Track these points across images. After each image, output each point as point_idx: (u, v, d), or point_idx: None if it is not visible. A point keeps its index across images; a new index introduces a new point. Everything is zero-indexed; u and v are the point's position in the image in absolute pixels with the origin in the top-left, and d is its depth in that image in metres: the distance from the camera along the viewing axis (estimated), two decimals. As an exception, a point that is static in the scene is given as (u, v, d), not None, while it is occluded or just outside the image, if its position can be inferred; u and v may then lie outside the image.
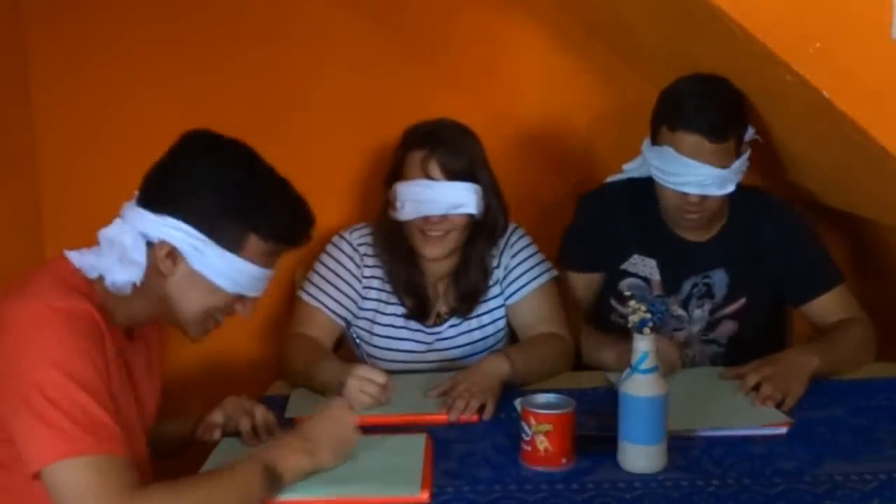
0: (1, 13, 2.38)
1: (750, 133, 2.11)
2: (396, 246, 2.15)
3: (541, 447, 1.64)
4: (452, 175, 2.06)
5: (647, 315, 1.64)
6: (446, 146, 2.07)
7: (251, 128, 1.61)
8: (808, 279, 2.19)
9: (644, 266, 2.24)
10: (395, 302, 2.20)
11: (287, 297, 2.58)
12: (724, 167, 2.03)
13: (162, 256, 1.53)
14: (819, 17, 1.70)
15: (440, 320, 2.22)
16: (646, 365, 1.61)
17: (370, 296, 2.20)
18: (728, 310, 2.25)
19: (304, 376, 2.00)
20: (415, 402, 1.94)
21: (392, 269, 2.18)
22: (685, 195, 2.06)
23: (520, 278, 2.20)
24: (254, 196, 1.56)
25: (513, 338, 2.26)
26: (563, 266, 2.29)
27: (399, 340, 2.20)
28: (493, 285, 2.22)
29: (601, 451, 1.67)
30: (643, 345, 1.61)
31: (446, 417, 1.86)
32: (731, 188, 2.06)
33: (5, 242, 2.37)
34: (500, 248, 2.21)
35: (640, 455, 1.62)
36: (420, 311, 2.20)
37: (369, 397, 1.88)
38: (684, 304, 2.25)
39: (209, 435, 1.78)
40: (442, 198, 2.06)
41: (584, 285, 2.30)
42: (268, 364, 2.57)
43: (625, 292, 2.18)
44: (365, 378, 1.88)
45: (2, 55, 2.41)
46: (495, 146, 2.18)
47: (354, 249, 2.20)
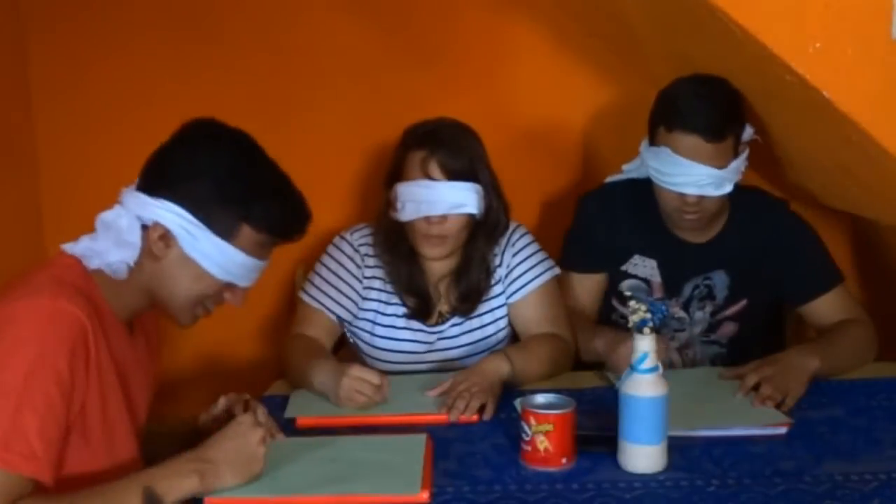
0: (1, 13, 2.39)
1: (748, 133, 2.11)
2: (397, 246, 2.15)
3: (541, 447, 1.64)
4: (453, 175, 2.06)
5: (648, 315, 1.64)
6: (447, 146, 2.07)
7: (251, 128, 1.61)
8: (808, 279, 2.19)
9: (645, 267, 2.24)
10: (397, 302, 2.20)
11: (287, 297, 2.58)
12: (722, 167, 2.03)
13: (155, 238, 1.53)
14: (819, 17, 1.70)
15: (442, 320, 2.22)
16: (646, 365, 1.61)
17: (371, 296, 2.20)
18: (729, 311, 2.25)
19: (301, 376, 2.00)
20: (415, 402, 1.94)
21: (393, 269, 2.17)
22: (683, 196, 2.06)
23: (521, 276, 2.20)
24: (250, 185, 1.55)
25: (514, 338, 2.26)
26: (566, 267, 2.27)
27: (400, 341, 2.20)
28: (495, 284, 2.21)
29: (601, 451, 1.67)
30: (643, 345, 1.61)
31: (446, 417, 1.86)
32: (728, 188, 2.05)
33: (5, 242, 2.37)
34: (501, 246, 2.21)
35: (640, 455, 1.62)
36: (421, 310, 2.19)
37: (364, 397, 1.88)
38: (685, 306, 2.25)
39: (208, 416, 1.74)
40: (442, 198, 2.05)
41: (587, 287, 2.27)
42: (268, 364, 2.58)
43: (625, 293, 2.18)
44: (359, 378, 1.88)
45: (2, 55, 2.42)
46: (495, 146, 2.18)
47: (355, 250, 2.20)
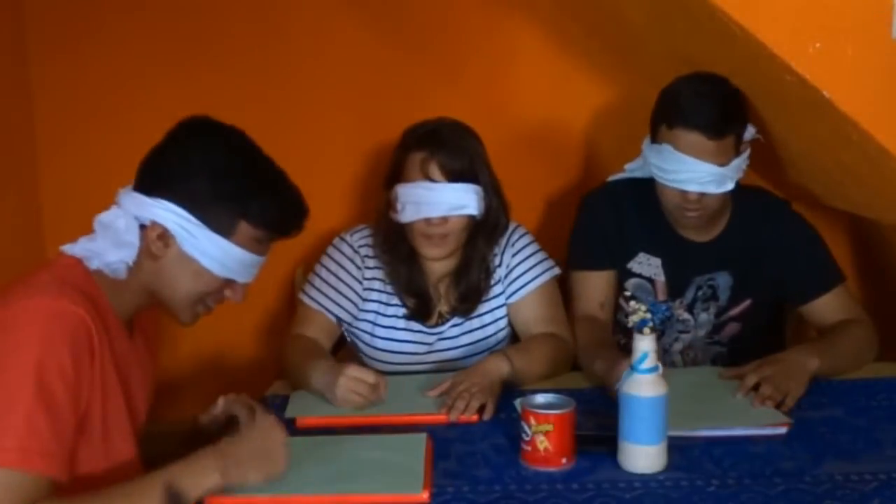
0: (1, 13, 2.39)
1: (750, 132, 2.10)
2: (397, 247, 2.15)
3: (541, 447, 1.64)
4: (453, 176, 2.06)
5: (648, 315, 1.64)
6: (446, 147, 2.06)
7: (251, 128, 1.61)
8: (809, 279, 2.19)
9: (649, 265, 2.23)
10: (397, 303, 2.20)
11: (287, 297, 2.58)
12: (723, 164, 2.02)
13: (153, 238, 1.53)
14: (819, 17, 1.70)
15: (442, 320, 2.22)
16: (646, 365, 1.61)
17: (371, 297, 2.20)
18: (733, 312, 2.24)
19: (299, 377, 2.00)
20: (415, 402, 1.94)
21: (393, 269, 2.17)
22: (684, 193, 2.06)
23: (521, 277, 2.20)
24: (246, 182, 1.55)
25: (514, 338, 2.26)
26: (574, 267, 2.25)
27: (400, 342, 2.20)
28: (495, 284, 2.21)
29: (601, 451, 1.67)
30: (643, 345, 1.61)
31: (446, 417, 1.85)
32: (730, 186, 2.05)
33: (6, 242, 2.37)
34: (501, 246, 2.21)
35: (640, 455, 1.62)
36: (422, 311, 2.19)
37: (360, 397, 1.88)
38: (689, 308, 2.24)
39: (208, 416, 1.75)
40: (442, 199, 2.05)
41: (598, 285, 2.23)
42: (268, 364, 2.57)
43: (627, 292, 2.18)
44: (355, 378, 1.88)
45: (2, 55, 2.42)
46: (495, 146, 2.18)
47: (355, 251, 2.20)
